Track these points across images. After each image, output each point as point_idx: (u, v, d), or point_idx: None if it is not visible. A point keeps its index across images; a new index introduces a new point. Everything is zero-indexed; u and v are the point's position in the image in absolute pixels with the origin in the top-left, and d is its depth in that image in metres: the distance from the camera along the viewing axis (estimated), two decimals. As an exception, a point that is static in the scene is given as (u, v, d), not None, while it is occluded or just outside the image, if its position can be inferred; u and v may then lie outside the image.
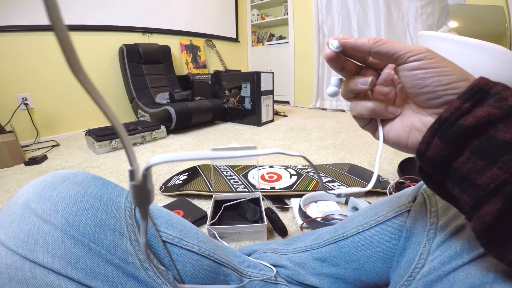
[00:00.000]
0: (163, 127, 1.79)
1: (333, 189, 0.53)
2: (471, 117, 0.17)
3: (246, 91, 2.14)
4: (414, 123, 0.22)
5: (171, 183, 0.99)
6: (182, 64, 2.67)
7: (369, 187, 0.24)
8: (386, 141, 0.24)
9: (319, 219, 0.71)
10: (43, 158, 1.42)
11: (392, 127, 0.24)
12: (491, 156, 0.16)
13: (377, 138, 0.26)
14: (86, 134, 1.58)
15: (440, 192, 0.21)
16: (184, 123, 1.90)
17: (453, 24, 2.07)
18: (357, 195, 0.25)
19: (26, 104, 1.74)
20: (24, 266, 0.20)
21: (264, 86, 2.12)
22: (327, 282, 0.43)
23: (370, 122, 0.26)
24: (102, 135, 1.48)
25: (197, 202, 0.86)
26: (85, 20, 1.95)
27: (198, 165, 1.16)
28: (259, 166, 1.14)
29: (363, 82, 0.25)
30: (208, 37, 2.93)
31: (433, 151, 0.19)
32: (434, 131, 0.19)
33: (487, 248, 0.18)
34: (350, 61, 0.27)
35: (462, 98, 0.18)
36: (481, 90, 0.18)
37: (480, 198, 0.16)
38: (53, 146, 1.69)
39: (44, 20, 1.73)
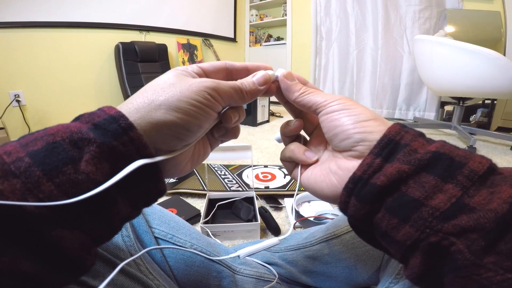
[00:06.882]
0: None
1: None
2: (382, 175, 0.17)
3: (242, 91, 2.15)
4: (331, 167, 0.22)
5: (165, 182, 0.98)
6: (178, 63, 2.65)
7: (283, 236, 0.26)
8: (306, 186, 0.25)
9: (311, 219, 0.72)
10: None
11: (312, 173, 0.24)
12: (403, 214, 0.16)
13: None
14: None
15: (370, 241, 0.21)
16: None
17: (449, 28, 2.09)
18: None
19: (18, 101, 1.70)
20: None
21: (261, 87, 2.13)
22: (319, 280, 0.44)
23: (295, 169, 0.27)
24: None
25: (190, 201, 0.86)
26: (81, 17, 1.92)
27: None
28: (254, 166, 1.14)
29: (290, 122, 0.27)
30: (206, 36, 2.91)
31: (353, 210, 0.19)
32: (350, 191, 0.19)
33: None
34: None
35: (373, 153, 0.19)
36: (391, 141, 0.18)
37: (404, 252, 0.17)
38: (46, 143, 1.66)
39: (37, 17, 1.70)
